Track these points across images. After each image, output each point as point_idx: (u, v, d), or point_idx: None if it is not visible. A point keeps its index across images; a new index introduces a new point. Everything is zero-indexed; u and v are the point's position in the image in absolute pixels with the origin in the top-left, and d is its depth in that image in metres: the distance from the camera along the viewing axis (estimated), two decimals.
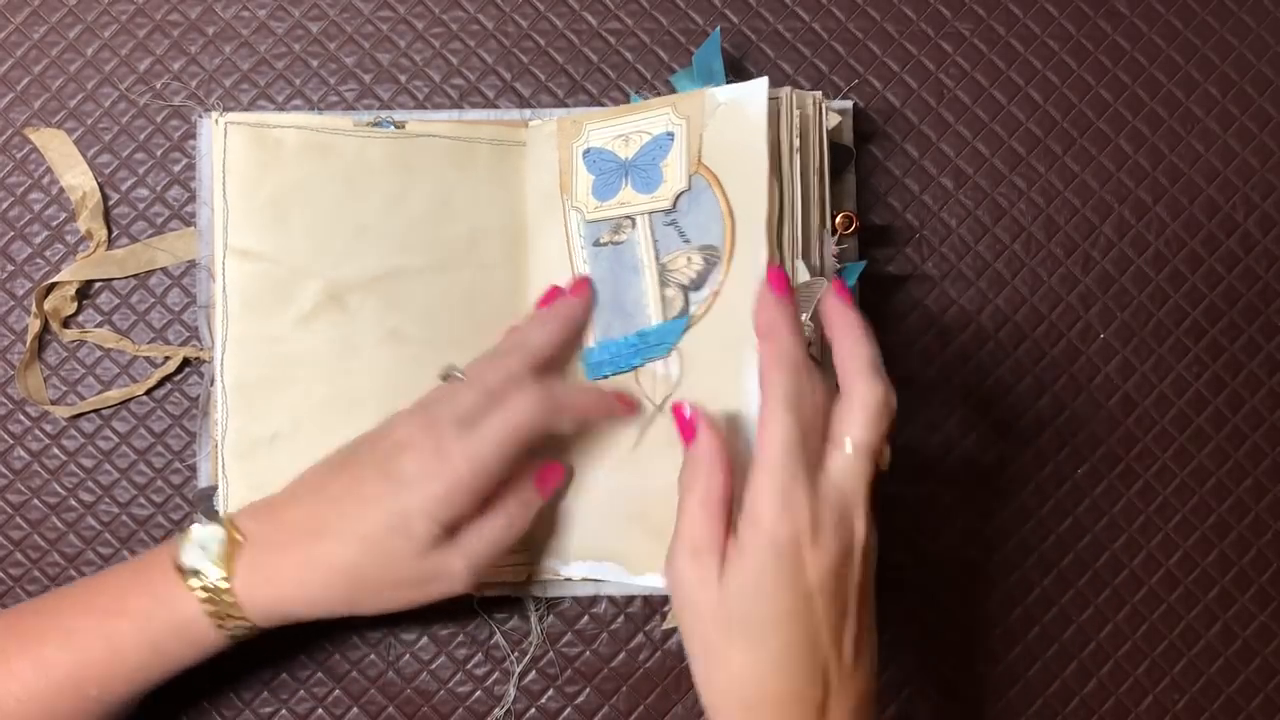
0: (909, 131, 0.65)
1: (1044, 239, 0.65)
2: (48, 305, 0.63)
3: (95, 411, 0.64)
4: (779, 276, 0.52)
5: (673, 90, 0.64)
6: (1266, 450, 0.64)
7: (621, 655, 0.63)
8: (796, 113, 0.57)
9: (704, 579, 0.48)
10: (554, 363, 0.59)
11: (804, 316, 0.56)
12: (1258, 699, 0.64)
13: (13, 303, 0.64)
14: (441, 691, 0.63)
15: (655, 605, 0.64)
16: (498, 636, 0.63)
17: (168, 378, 0.64)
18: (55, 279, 0.63)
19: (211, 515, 0.61)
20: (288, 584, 0.54)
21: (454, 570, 0.54)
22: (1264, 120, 0.65)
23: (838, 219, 0.61)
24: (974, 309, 0.65)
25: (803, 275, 0.57)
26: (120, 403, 0.64)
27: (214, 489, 0.61)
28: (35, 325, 0.63)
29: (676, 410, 0.53)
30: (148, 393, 0.64)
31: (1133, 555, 0.64)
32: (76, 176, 0.64)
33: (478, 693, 0.63)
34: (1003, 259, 0.65)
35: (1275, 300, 0.65)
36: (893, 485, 0.63)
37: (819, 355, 0.57)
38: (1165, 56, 0.66)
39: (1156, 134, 0.65)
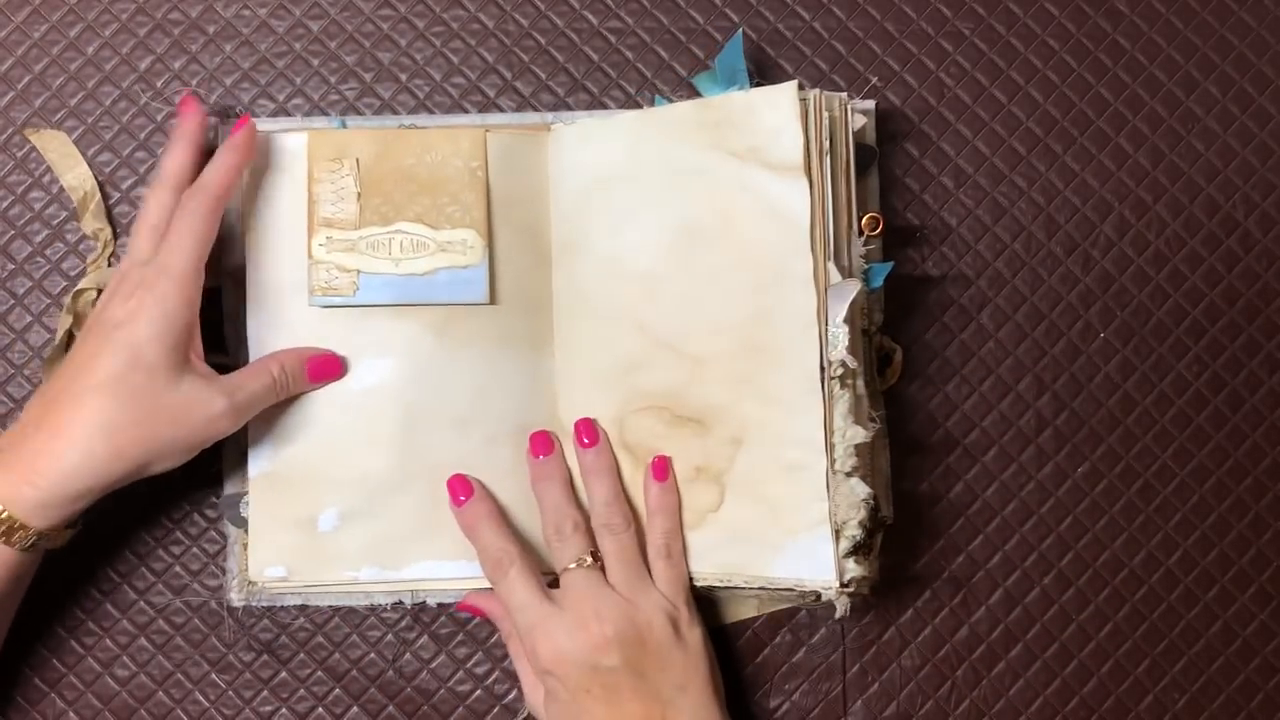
0: (909, 131, 0.65)
1: (1044, 238, 0.65)
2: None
3: None
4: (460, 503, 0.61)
5: (694, 91, 0.64)
6: (1266, 450, 0.64)
7: None
8: (826, 115, 0.57)
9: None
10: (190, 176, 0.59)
11: (838, 318, 0.56)
12: (1258, 698, 0.64)
13: (13, 301, 0.64)
14: (441, 690, 0.63)
15: None
16: (498, 635, 0.63)
17: None
18: (82, 285, 0.63)
19: (238, 522, 0.61)
20: (45, 465, 0.54)
21: (214, 406, 0.56)
22: (1264, 120, 0.65)
23: (864, 220, 0.61)
24: (974, 308, 0.65)
25: (835, 278, 0.57)
26: None
27: (239, 496, 0.61)
28: (66, 322, 0.63)
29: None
30: None
31: (1133, 554, 0.64)
32: (77, 177, 0.64)
33: (478, 692, 0.63)
34: (1003, 258, 0.65)
35: (1275, 300, 0.65)
36: (892, 485, 0.63)
37: (858, 364, 0.57)
38: (1165, 56, 0.66)
39: (1156, 133, 0.65)
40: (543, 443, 0.61)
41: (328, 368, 0.60)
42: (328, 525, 0.61)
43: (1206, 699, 0.64)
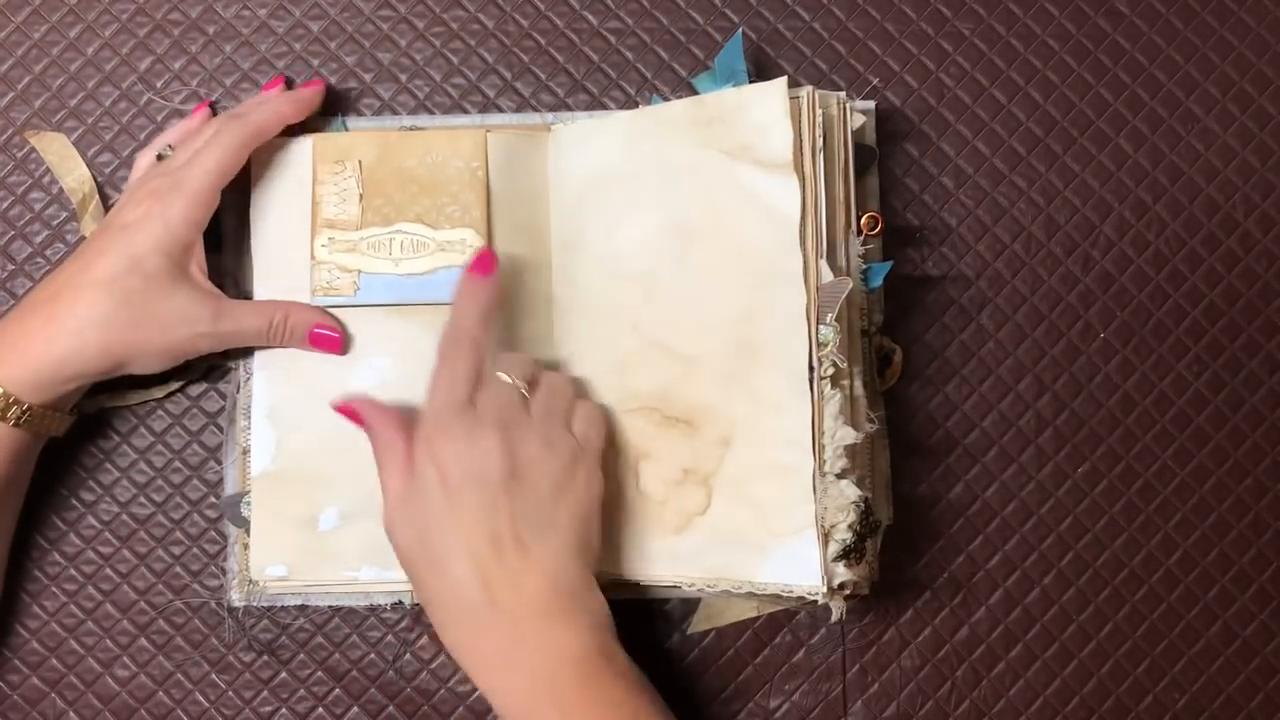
0: (909, 131, 0.65)
1: (1044, 238, 0.65)
2: None
3: (100, 411, 0.64)
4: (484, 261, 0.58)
5: (693, 91, 0.64)
6: (1266, 449, 0.64)
7: None
8: (819, 112, 0.57)
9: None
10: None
11: (829, 317, 0.56)
12: (1258, 698, 0.64)
13: (13, 301, 0.64)
14: (442, 691, 0.63)
15: (655, 606, 0.64)
16: None
17: (189, 382, 0.64)
18: None
19: (239, 522, 0.61)
20: (36, 346, 0.56)
21: (199, 325, 0.58)
22: (1264, 120, 0.65)
23: (863, 219, 0.61)
24: (974, 308, 0.65)
25: (826, 276, 0.57)
26: (139, 403, 0.64)
27: (241, 496, 0.61)
28: None
29: (342, 410, 0.58)
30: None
31: (1133, 554, 0.64)
32: (77, 179, 0.64)
33: (478, 692, 0.63)
34: (1003, 258, 0.65)
35: (1275, 300, 0.65)
36: (891, 485, 0.63)
37: (848, 364, 0.56)
38: (1165, 56, 0.66)
39: (1156, 134, 0.65)
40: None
41: (329, 343, 0.61)
42: (328, 525, 0.61)
43: (1206, 699, 0.64)
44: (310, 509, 0.61)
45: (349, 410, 0.58)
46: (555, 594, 0.54)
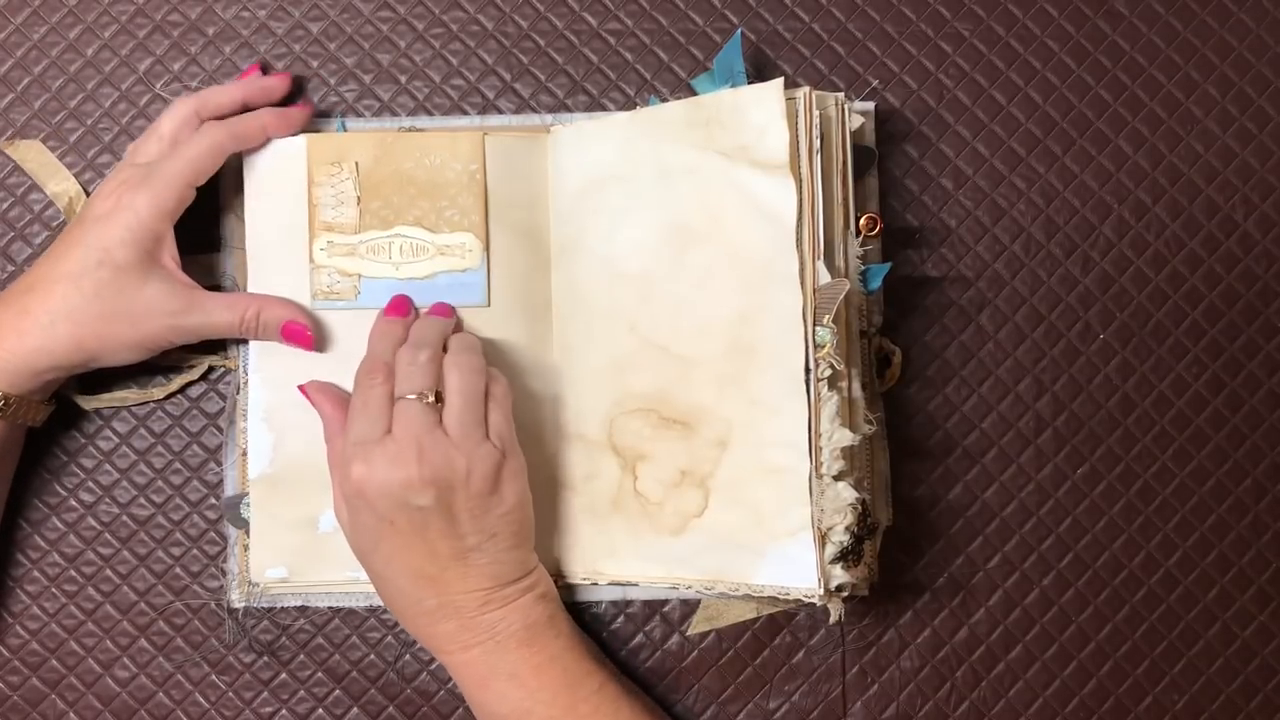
0: (908, 132, 0.65)
1: (1044, 239, 0.65)
2: None
3: (99, 411, 0.64)
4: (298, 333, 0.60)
5: (692, 92, 0.64)
6: (1266, 450, 0.64)
7: (621, 655, 0.63)
8: (816, 113, 0.57)
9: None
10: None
11: (826, 319, 0.56)
12: (1257, 699, 0.64)
13: None
14: (441, 692, 0.64)
15: (655, 606, 0.64)
16: None
17: (189, 383, 0.64)
18: None
19: (239, 523, 0.61)
20: (9, 339, 0.57)
21: (169, 318, 0.58)
22: (1264, 120, 0.65)
23: (862, 220, 0.61)
24: (973, 309, 0.65)
25: (824, 277, 0.57)
26: (138, 403, 0.64)
27: (240, 497, 0.61)
28: None
29: (302, 390, 0.60)
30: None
31: (1132, 555, 0.64)
32: (60, 183, 0.64)
33: None
34: (1002, 259, 0.65)
35: (1274, 300, 0.65)
36: (891, 487, 0.63)
37: (844, 365, 0.56)
38: (1165, 57, 0.66)
39: (1156, 134, 0.65)
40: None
41: (301, 338, 0.61)
42: (328, 526, 0.61)
43: (1206, 700, 0.64)
44: (309, 511, 0.61)
45: (306, 392, 0.60)
46: (497, 586, 0.57)
